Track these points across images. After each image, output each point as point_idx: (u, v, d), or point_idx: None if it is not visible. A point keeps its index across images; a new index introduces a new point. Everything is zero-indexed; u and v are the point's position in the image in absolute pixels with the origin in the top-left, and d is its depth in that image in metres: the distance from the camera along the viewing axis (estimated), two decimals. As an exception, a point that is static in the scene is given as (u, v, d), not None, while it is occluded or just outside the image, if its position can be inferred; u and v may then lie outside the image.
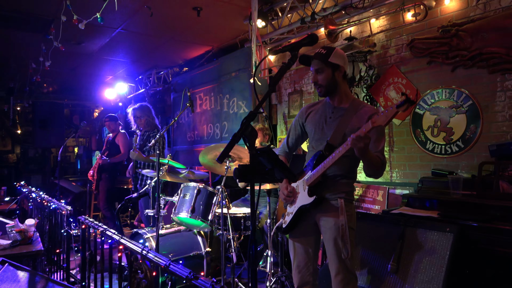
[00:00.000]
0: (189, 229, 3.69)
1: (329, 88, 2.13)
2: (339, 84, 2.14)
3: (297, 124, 2.37)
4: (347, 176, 2.14)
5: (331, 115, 2.17)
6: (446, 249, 2.17)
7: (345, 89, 2.19)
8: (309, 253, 2.18)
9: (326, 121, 2.18)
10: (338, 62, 2.11)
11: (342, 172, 2.12)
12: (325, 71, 2.11)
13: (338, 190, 2.10)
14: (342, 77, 2.15)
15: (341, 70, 2.13)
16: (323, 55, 2.11)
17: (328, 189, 2.10)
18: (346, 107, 2.15)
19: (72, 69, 6.93)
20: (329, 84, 2.12)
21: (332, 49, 2.14)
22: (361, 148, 1.83)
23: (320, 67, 2.12)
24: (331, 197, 2.10)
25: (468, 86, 3.21)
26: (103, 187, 5.78)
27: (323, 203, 2.08)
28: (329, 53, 2.11)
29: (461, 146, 3.25)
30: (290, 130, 2.42)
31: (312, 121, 2.25)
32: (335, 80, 2.12)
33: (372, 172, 2.03)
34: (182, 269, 1.26)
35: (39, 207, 4.31)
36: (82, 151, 9.09)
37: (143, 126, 4.68)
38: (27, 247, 2.85)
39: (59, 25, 4.23)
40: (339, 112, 2.16)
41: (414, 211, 2.75)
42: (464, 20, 3.19)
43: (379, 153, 2.04)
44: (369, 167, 2.01)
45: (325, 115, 2.20)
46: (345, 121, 2.10)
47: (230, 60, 5.41)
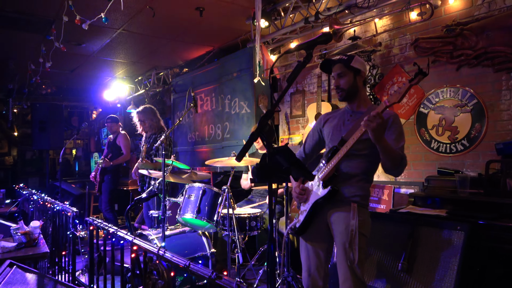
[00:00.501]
0: (193, 230, 3.67)
1: (350, 92, 2.18)
2: (360, 89, 2.20)
3: (315, 130, 2.39)
4: (363, 178, 2.12)
5: (349, 118, 2.22)
6: (458, 248, 2.17)
7: (364, 94, 2.25)
8: (320, 257, 2.15)
9: (343, 123, 2.23)
10: (360, 67, 2.18)
11: (358, 171, 2.10)
12: (347, 75, 2.16)
13: (353, 192, 2.08)
14: (363, 83, 2.22)
15: (362, 75, 2.19)
16: (345, 60, 2.18)
17: (343, 183, 2.09)
18: (364, 111, 2.18)
19: (71, 71, 6.89)
20: (351, 88, 2.17)
21: (353, 56, 2.22)
22: (375, 129, 1.82)
23: (343, 71, 2.17)
24: (345, 192, 2.08)
25: (473, 85, 3.22)
26: (105, 188, 5.77)
27: (337, 198, 2.06)
28: (350, 58, 2.19)
29: (466, 145, 3.26)
30: (308, 136, 2.44)
31: (330, 125, 2.29)
32: (356, 84, 2.17)
33: (391, 165, 1.99)
34: (204, 269, 1.25)
35: (41, 209, 4.28)
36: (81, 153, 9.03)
37: (148, 129, 4.66)
38: (32, 249, 2.82)
39: (60, 26, 4.21)
40: (357, 116, 2.19)
41: (422, 210, 2.76)
42: (468, 19, 3.20)
43: (398, 149, 2.03)
44: (387, 159, 1.97)
45: (344, 118, 2.25)
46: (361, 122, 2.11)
47: (231, 60, 5.40)
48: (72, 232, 2.82)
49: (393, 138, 2.05)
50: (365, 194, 2.12)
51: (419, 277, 2.23)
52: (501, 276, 2.20)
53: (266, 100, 5.14)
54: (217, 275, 1.17)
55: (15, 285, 2.00)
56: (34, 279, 2.21)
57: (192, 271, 1.25)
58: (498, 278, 2.19)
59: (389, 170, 2.02)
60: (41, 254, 2.73)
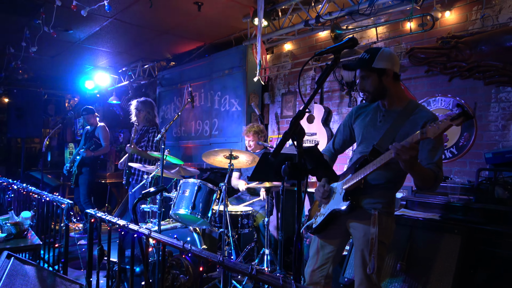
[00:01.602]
0: (185, 225, 3.64)
1: (377, 94, 2.00)
2: (389, 87, 1.98)
3: (346, 125, 2.24)
4: (389, 185, 2.00)
5: (382, 119, 2.03)
6: (455, 250, 2.28)
7: (396, 91, 2.02)
8: (330, 256, 2.11)
9: (375, 124, 2.04)
10: (384, 66, 1.95)
11: (385, 179, 1.97)
12: (370, 77, 1.98)
13: (376, 200, 1.97)
14: (393, 79, 1.99)
15: (389, 73, 1.96)
16: (365, 61, 1.98)
17: (365, 196, 1.99)
18: (399, 110, 1.99)
19: (52, 57, 6.61)
20: (377, 90, 1.99)
21: (377, 52, 1.97)
22: (406, 161, 1.65)
23: (365, 74, 2.00)
24: (367, 205, 1.99)
25: (464, 96, 3.38)
26: (83, 181, 5.61)
27: (357, 210, 1.98)
28: (372, 57, 1.96)
29: (455, 152, 3.42)
30: (338, 131, 2.30)
31: (361, 124, 2.12)
32: (383, 85, 1.97)
33: (423, 187, 1.87)
34: (241, 265, 1.26)
35: (21, 200, 4.10)
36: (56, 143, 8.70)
37: (141, 121, 4.62)
38: (23, 241, 2.72)
39: (50, 10, 4.05)
40: (390, 116, 2.00)
41: (415, 213, 2.87)
42: (463, 33, 3.36)
43: (433, 165, 1.83)
44: (419, 181, 1.82)
45: (375, 119, 2.06)
46: (397, 125, 1.95)
47: (223, 57, 5.38)
48: (66, 225, 2.73)
49: (429, 149, 1.85)
50: (388, 201, 2.00)
51: (418, 277, 2.33)
52: (492, 278, 2.33)
53: (257, 99, 5.16)
54: (258, 270, 1.18)
55: (18, 277, 1.93)
56: (33, 271, 2.14)
57: (228, 267, 1.26)
58: (490, 281, 2.31)
59: (421, 189, 1.95)
60: (34, 246, 2.64)
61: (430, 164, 1.84)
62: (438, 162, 1.86)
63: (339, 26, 3.54)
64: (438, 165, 1.85)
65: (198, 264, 1.38)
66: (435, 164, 1.85)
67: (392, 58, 1.99)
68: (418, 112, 1.96)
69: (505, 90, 3.15)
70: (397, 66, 2.01)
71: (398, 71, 2.02)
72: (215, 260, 1.31)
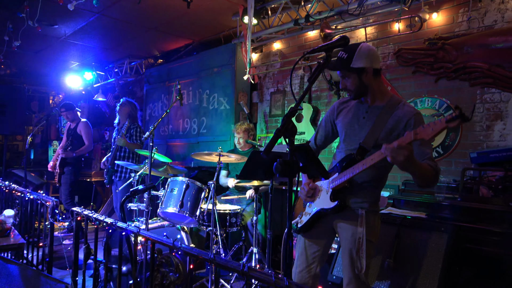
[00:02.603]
0: (172, 224, 3.61)
1: (359, 91, 1.98)
2: (370, 84, 1.96)
3: (328, 121, 2.20)
4: (374, 184, 1.99)
5: (365, 115, 2.00)
6: (442, 247, 2.31)
7: (378, 86, 1.99)
8: (316, 255, 2.09)
9: (359, 121, 2.02)
10: (363, 65, 1.91)
11: (371, 178, 1.97)
12: (350, 76, 1.96)
13: (363, 199, 1.97)
14: (373, 76, 1.95)
15: (368, 71, 1.93)
16: (343, 62, 1.94)
17: (352, 195, 1.98)
18: (381, 106, 1.98)
19: (36, 52, 6.47)
20: (358, 88, 1.97)
21: (354, 50, 1.92)
22: (401, 162, 1.62)
23: (344, 74, 1.98)
24: (354, 205, 1.97)
25: (450, 96, 3.44)
26: (66, 180, 5.47)
27: (344, 210, 1.97)
28: (350, 56, 1.92)
29: (441, 152, 3.47)
30: (319, 126, 2.26)
31: (344, 120, 2.09)
32: (363, 83, 1.95)
33: (424, 183, 1.83)
34: (232, 262, 1.25)
35: (3, 198, 4.00)
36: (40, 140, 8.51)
37: (124, 115, 4.58)
38: (5, 240, 2.65)
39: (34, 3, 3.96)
40: (374, 112, 1.98)
41: (402, 212, 2.90)
42: (449, 35, 3.41)
43: (428, 159, 1.81)
44: (419, 179, 1.80)
45: (358, 115, 2.03)
46: (381, 121, 1.93)
47: (212, 55, 5.35)
48: (50, 223, 2.67)
49: (419, 144, 1.81)
50: (374, 200, 2.01)
51: (405, 274, 2.36)
52: (477, 275, 2.37)
53: (246, 97, 5.15)
54: (250, 268, 1.17)
55: (1, 276, 1.87)
56: (17, 270, 2.09)
57: (220, 264, 1.25)
58: (476, 278, 2.36)
59: (422, 186, 1.89)
60: (16, 245, 2.58)
61: (425, 159, 1.82)
62: (431, 156, 1.86)
63: (329, 26, 3.56)
64: (432, 159, 1.84)
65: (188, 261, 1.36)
66: (429, 158, 1.83)
67: (370, 55, 1.94)
68: (401, 107, 1.95)
69: (490, 91, 3.22)
70: (377, 62, 1.97)
71: (378, 66, 1.98)
72: (206, 258, 1.29)
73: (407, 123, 1.88)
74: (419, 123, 1.86)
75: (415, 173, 1.77)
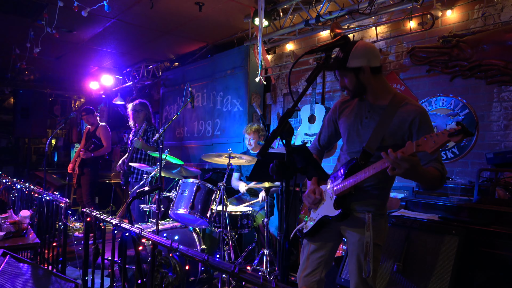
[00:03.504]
0: (185, 225, 3.65)
1: (357, 91, 1.93)
2: (369, 83, 1.89)
3: (330, 120, 2.15)
4: (380, 187, 1.93)
5: (367, 115, 1.93)
6: (452, 251, 2.24)
7: (378, 84, 1.91)
8: (321, 260, 2.04)
9: (361, 121, 1.94)
10: (359, 64, 1.85)
11: (377, 181, 1.90)
12: (347, 76, 1.91)
13: (368, 203, 1.91)
14: (372, 74, 1.87)
15: (365, 70, 1.86)
16: (339, 62, 1.88)
17: (357, 200, 1.92)
18: (384, 105, 1.90)
19: (58, 58, 6.69)
20: (356, 88, 1.91)
21: (350, 50, 1.86)
22: (403, 174, 1.58)
23: (342, 73, 1.92)
24: (359, 209, 1.92)
25: (466, 95, 3.33)
26: (85, 181, 5.62)
27: (349, 215, 1.92)
28: (346, 56, 1.86)
29: (456, 153, 3.37)
30: (322, 126, 2.21)
31: (346, 121, 2.02)
32: (361, 82, 1.88)
33: (429, 187, 1.78)
34: (224, 263, 1.25)
35: (24, 199, 4.14)
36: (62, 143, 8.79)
37: (141, 121, 4.68)
38: (22, 239, 2.74)
39: (53, 11, 4.09)
40: (376, 111, 1.91)
41: (414, 214, 2.84)
42: (464, 32, 3.32)
43: (434, 161, 1.75)
44: (424, 184, 1.76)
45: (361, 115, 1.96)
46: (384, 122, 1.86)
47: (225, 57, 5.39)
48: (64, 223, 2.75)
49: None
50: (382, 203, 1.95)
51: (414, 278, 2.30)
52: (491, 280, 2.29)
53: (259, 99, 5.16)
54: (240, 269, 1.17)
55: (11, 275, 1.94)
56: (29, 269, 2.16)
57: (212, 265, 1.25)
58: (489, 282, 2.28)
59: (427, 189, 1.86)
60: (31, 244, 2.66)
61: (431, 161, 1.76)
62: (439, 157, 1.78)
63: (339, 26, 3.52)
64: (439, 160, 1.77)
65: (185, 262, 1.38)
66: (435, 160, 1.76)
67: (367, 53, 1.86)
68: (405, 106, 1.87)
69: (507, 90, 3.11)
70: (375, 60, 1.88)
71: (377, 64, 1.89)
72: (199, 259, 1.30)
73: (412, 122, 1.82)
74: (425, 123, 1.81)
75: (420, 181, 1.73)
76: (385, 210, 1.99)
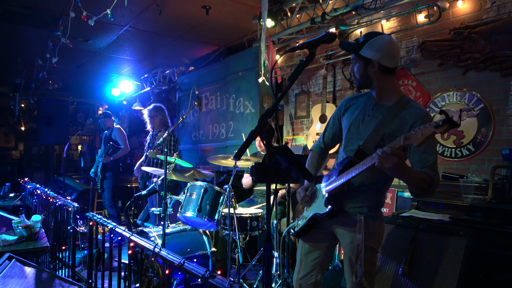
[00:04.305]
0: (194, 228, 3.66)
1: (362, 82, 1.88)
2: (376, 79, 1.84)
3: (335, 118, 2.09)
4: (375, 187, 1.87)
5: (371, 112, 1.88)
6: (460, 253, 2.13)
7: (385, 84, 1.85)
8: (316, 262, 1.99)
9: (363, 118, 1.89)
10: (370, 56, 1.79)
11: (371, 181, 1.84)
12: (357, 63, 1.86)
13: (361, 203, 1.85)
14: (380, 72, 1.82)
15: (374, 64, 1.80)
16: (354, 46, 1.85)
17: (350, 200, 1.87)
18: (389, 106, 1.84)
19: (78, 67, 6.92)
20: (362, 78, 1.87)
21: (370, 38, 1.81)
22: (390, 169, 1.52)
23: (355, 58, 1.88)
24: (352, 210, 1.87)
25: (480, 89, 3.17)
26: (107, 185, 5.78)
27: (341, 215, 1.87)
28: (364, 42, 1.81)
29: (472, 149, 3.22)
30: (327, 124, 2.15)
31: (350, 117, 1.97)
32: (368, 75, 1.83)
33: (417, 193, 1.71)
34: (198, 268, 1.24)
35: (43, 204, 4.30)
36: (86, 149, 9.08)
37: (157, 126, 4.75)
38: (33, 243, 2.83)
39: (67, 22, 4.22)
40: (380, 111, 1.86)
41: (425, 214, 2.73)
42: (476, 23, 3.16)
43: (428, 168, 1.69)
44: (411, 187, 1.70)
45: (364, 112, 1.91)
46: (385, 122, 1.80)
47: (236, 59, 5.39)
48: (72, 227, 2.82)
49: (421, 151, 1.70)
50: (374, 205, 1.88)
51: (420, 282, 2.20)
52: (504, 284, 2.16)
53: (271, 100, 5.13)
54: (211, 274, 1.15)
55: (13, 278, 2.00)
56: (33, 272, 2.22)
57: (186, 270, 1.24)
58: (501, 286, 2.15)
59: (416, 195, 1.75)
60: (41, 248, 2.75)
61: (425, 167, 1.70)
62: (433, 164, 1.71)
63: (344, 22, 3.44)
64: (433, 168, 1.70)
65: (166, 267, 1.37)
66: (430, 167, 1.70)
67: (383, 49, 1.79)
68: (409, 108, 1.80)
69: (524, 81, 2.93)
70: (389, 60, 1.81)
71: (389, 65, 1.82)
72: (176, 263, 1.29)
73: (413, 126, 1.73)
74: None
75: (407, 181, 1.66)
76: (380, 212, 1.91)
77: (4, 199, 5.10)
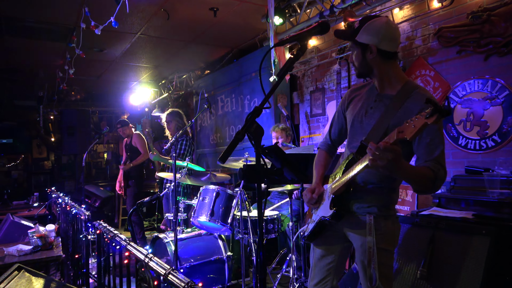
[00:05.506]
0: (209, 233, 3.62)
1: (362, 70, 1.75)
2: (376, 66, 1.70)
3: (340, 112, 1.96)
4: (383, 185, 1.72)
5: (373, 104, 1.74)
6: (483, 254, 1.96)
7: (389, 71, 1.71)
8: (330, 267, 1.86)
9: (367, 111, 1.75)
10: (367, 41, 1.66)
11: (378, 179, 1.70)
12: (355, 50, 1.73)
13: (369, 203, 1.72)
14: (380, 57, 1.67)
15: (372, 50, 1.66)
16: (350, 33, 1.72)
17: (356, 200, 1.74)
18: (392, 96, 1.69)
19: (97, 76, 7.08)
20: (361, 66, 1.73)
21: (365, 22, 1.68)
22: (384, 167, 1.36)
23: (352, 46, 1.75)
24: (359, 210, 1.74)
25: (504, 75, 2.95)
26: (130, 192, 5.81)
27: (349, 217, 1.75)
28: (359, 28, 1.68)
29: (498, 140, 2.99)
30: (333, 119, 2.02)
31: (352, 110, 1.83)
32: (367, 62, 1.70)
33: (420, 190, 1.59)
34: (181, 279, 1.17)
35: (64, 212, 4.38)
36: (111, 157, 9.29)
37: (174, 131, 4.69)
38: (47, 253, 2.87)
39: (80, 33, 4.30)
40: (383, 101, 1.71)
41: (446, 212, 2.55)
42: (496, 4, 2.94)
43: (433, 161, 1.54)
44: (413, 184, 1.56)
45: (367, 104, 1.77)
46: (389, 114, 1.66)
47: (249, 60, 5.34)
48: (84, 235, 2.84)
49: (427, 143, 1.57)
50: (385, 203, 1.73)
51: (440, 285, 2.04)
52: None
53: (285, 99, 5.03)
54: (191, 285, 1.08)
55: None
56: (41, 283, 2.22)
57: (169, 281, 1.17)
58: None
59: (419, 192, 1.61)
60: (54, 257, 2.77)
61: (429, 161, 1.56)
62: (439, 158, 1.56)
63: (354, 14, 3.30)
64: (439, 162, 1.55)
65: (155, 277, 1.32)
66: (434, 160, 1.55)
67: (379, 32, 1.65)
68: (414, 96, 1.63)
69: (553, 64, 2.70)
70: (388, 43, 1.66)
71: (388, 49, 1.67)
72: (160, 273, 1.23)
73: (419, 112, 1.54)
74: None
75: (407, 179, 1.52)
76: (391, 211, 1.75)
77: (29, 209, 5.25)
